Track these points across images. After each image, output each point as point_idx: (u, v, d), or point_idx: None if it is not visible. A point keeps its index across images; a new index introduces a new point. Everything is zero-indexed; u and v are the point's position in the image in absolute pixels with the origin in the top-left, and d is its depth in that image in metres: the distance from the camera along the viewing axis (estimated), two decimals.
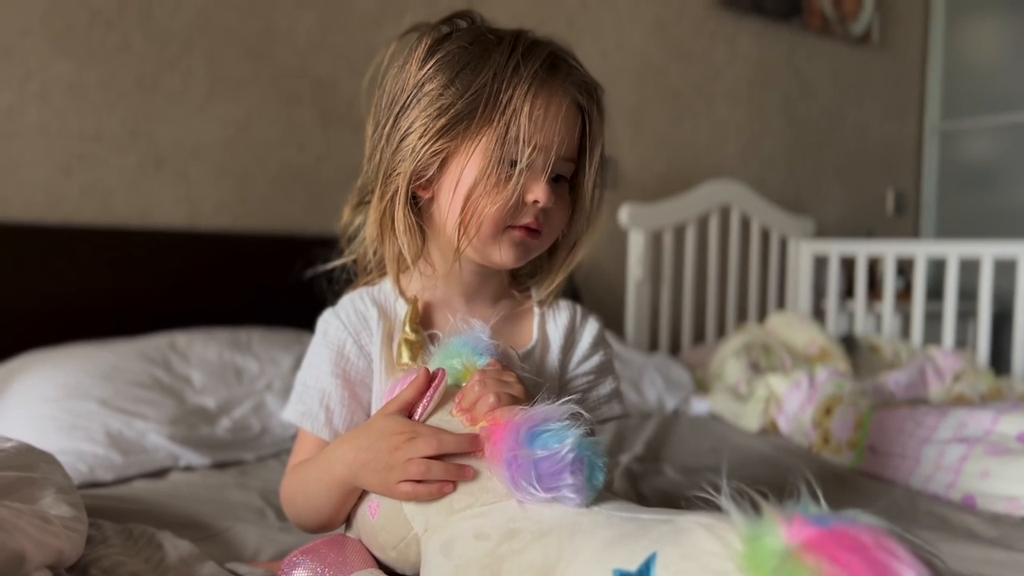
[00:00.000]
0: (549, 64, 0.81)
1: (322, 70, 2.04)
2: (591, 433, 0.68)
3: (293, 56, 2.00)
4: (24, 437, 1.10)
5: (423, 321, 0.88)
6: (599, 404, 0.93)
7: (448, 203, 0.81)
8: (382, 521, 0.73)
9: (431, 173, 0.82)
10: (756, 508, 0.54)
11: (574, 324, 0.94)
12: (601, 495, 0.66)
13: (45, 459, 0.96)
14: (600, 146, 0.86)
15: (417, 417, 0.74)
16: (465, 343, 0.80)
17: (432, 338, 0.85)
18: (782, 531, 0.49)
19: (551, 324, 0.93)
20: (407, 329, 0.84)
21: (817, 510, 0.51)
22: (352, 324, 0.87)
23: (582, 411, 0.67)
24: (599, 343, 0.95)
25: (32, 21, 1.69)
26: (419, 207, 0.86)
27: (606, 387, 0.94)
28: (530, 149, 0.79)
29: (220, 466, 1.35)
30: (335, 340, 0.87)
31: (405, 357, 0.83)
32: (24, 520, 0.72)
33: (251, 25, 1.94)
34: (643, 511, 0.63)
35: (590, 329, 0.95)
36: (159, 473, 1.30)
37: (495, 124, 0.79)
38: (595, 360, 0.94)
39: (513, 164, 0.79)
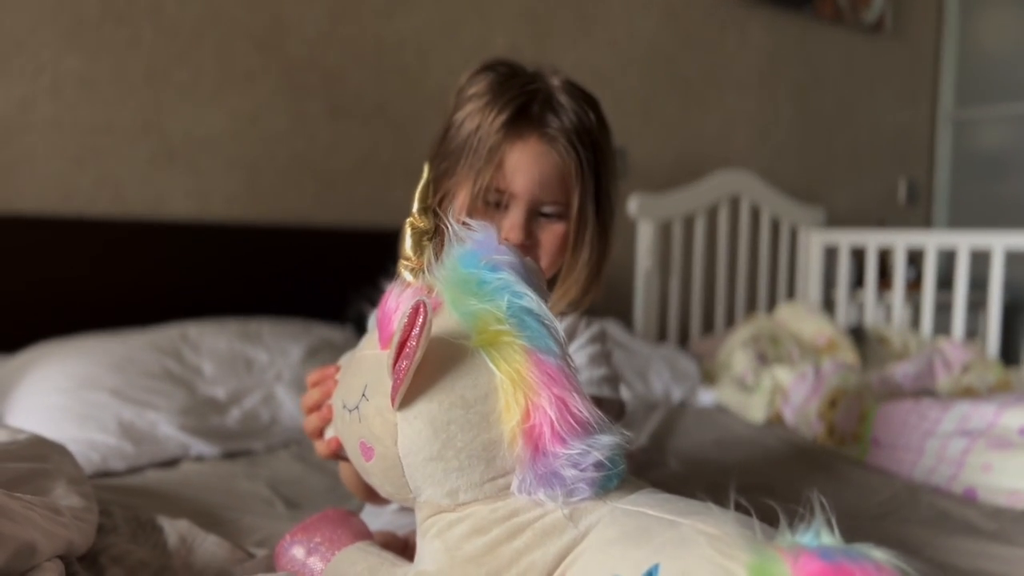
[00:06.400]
0: (526, 114, 0.88)
1: (331, 62, 2.05)
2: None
3: (302, 48, 2.01)
4: (37, 427, 1.13)
5: None
6: (588, 385, 0.94)
7: None
8: (375, 469, 0.69)
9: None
10: (763, 518, 0.56)
11: (575, 328, 0.98)
12: None
13: (57, 450, 0.99)
14: (589, 186, 0.90)
15: (406, 362, 0.61)
16: (472, 256, 0.63)
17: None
18: (787, 567, 0.49)
19: None
20: (415, 210, 0.69)
21: (828, 540, 0.51)
22: None
23: (611, 421, 0.64)
24: (595, 339, 0.98)
25: (44, 15, 1.70)
26: None
27: (597, 371, 0.96)
28: (504, 193, 0.88)
29: (230, 456, 1.37)
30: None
31: (408, 247, 0.68)
32: (34, 511, 0.74)
33: (260, 17, 1.95)
34: (648, 504, 0.63)
35: (589, 330, 0.98)
36: (170, 463, 1.32)
37: (476, 167, 0.87)
38: (588, 350, 0.97)
39: (498, 203, 0.89)
